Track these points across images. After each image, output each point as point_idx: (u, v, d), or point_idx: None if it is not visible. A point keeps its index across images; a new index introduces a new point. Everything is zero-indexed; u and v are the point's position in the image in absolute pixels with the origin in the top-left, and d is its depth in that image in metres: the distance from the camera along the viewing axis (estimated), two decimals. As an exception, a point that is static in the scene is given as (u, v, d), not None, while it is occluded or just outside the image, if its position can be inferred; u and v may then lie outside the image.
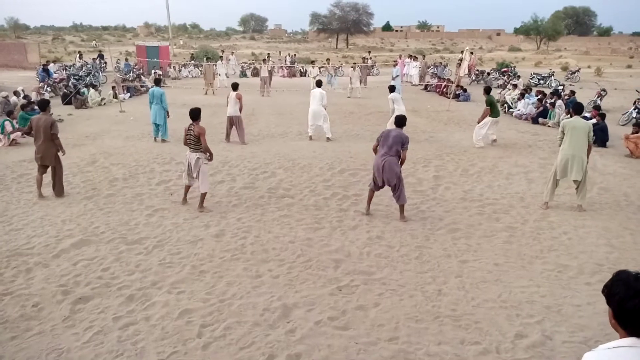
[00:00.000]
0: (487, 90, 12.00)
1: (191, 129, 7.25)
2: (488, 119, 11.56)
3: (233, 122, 12.11)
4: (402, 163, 6.90)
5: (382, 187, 7.14)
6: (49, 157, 7.80)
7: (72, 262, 5.68)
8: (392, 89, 12.70)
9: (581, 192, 7.54)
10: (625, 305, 1.83)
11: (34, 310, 4.68)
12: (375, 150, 7.10)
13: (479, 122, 11.80)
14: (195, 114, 7.36)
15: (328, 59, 29.17)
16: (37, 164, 7.95)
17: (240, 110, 12.03)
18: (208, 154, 7.31)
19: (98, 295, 4.95)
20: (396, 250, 6.09)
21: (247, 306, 4.76)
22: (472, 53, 33.10)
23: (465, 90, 21.56)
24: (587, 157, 7.38)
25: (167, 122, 12.32)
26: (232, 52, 36.97)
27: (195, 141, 7.22)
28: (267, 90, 22.57)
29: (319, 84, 12.79)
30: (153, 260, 5.75)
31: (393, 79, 21.98)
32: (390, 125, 12.12)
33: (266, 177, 9.24)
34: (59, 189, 8.00)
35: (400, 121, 7.07)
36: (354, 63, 28.43)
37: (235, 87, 12.25)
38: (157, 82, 12.95)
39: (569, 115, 14.36)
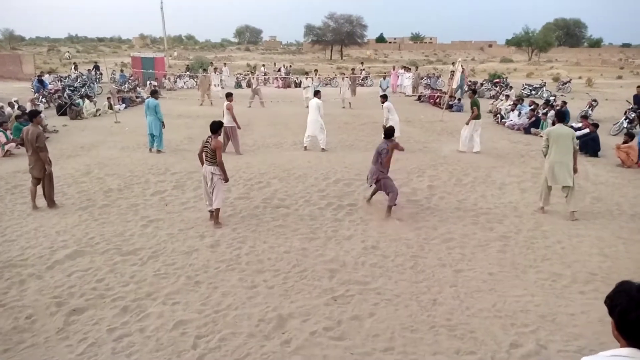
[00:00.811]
0: (474, 92, 13.00)
1: (208, 142, 7.13)
2: (472, 122, 12.09)
3: (227, 132, 12.08)
4: (388, 161, 7.65)
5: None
6: (37, 169, 7.76)
7: (66, 273, 5.65)
8: (384, 97, 12.77)
9: (571, 198, 7.63)
10: (627, 317, 1.83)
11: (28, 322, 4.65)
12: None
13: (467, 123, 12.27)
14: (215, 127, 7.21)
15: (316, 70, 29.56)
16: (31, 176, 7.94)
17: (235, 120, 12.00)
18: (222, 173, 7.16)
19: (92, 307, 4.92)
20: (391, 260, 6.11)
21: (242, 317, 4.75)
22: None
23: (459, 101, 21.75)
24: (575, 162, 7.57)
25: (163, 132, 12.32)
26: (225, 64, 37.09)
27: (212, 155, 7.10)
28: (261, 101, 22.53)
29: (316, 94, 12.88)
30: (148, 271, 5.73)
31: (384, 90, 22.18)
32: None
33: (261, 188, 9.25)
34: (48, 200, 7.96)
35: (388, 133, 7.79)
36: (342, 73, 28.76)
37: (227, 96, 12.27)
38: (153, 93, 12.96)
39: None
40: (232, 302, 5.03)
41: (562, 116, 8.02)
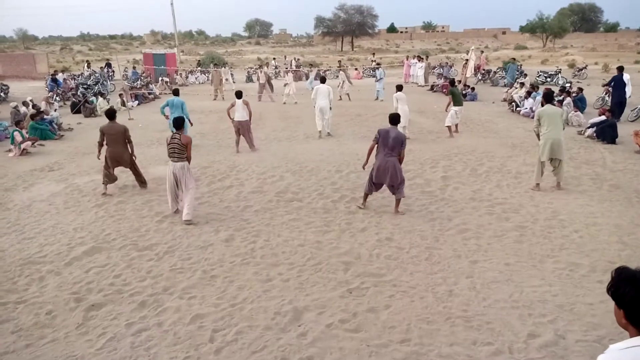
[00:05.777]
0: (452, 83, 14.31)
1: (176, 138, 7.15)
2: (452, 108, 13.08)
3: (242, 126, 11.79)
4: (401, 162, 7.24)
5: (380, 187, 7.45)
6: (126, 159, 8.73)
7: (84, 269, 5.74)
8: (399, 88, 12.70)
9: (560, 171, 8.40)
10: (638, 306, 1.81)
11: (48, 317, 4.74)
12: (371, 150, 7.39)
13: (446, 110, 13.32)
14: (180, 123, 7.32)
15: (311, 65, 29.78)
16: (110, 166, 8.63)
17: (250, 116, 11.85)
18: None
19: (110, 302, 4.99)
20: (406, 251, 6.08)
21: (258, 310, 4.78)
22: (482, 52, 33.08)
23: (473, 89, 21.47)
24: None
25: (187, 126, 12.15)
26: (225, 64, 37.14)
27: (181, 150, 7.14)
28: (269, 95, 22.40)
29: (323, 80, 13.63)
30: (164, 266, 5.80)
31: (377, 80, 21.99)
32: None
33: (274, 181, 9.27)
34: (141, 183, 8.98)
35: (395, 119, 7.31)
36: (339, 66, 29.07)
37: (239, 95, 12.04)
38: (176, 92, 12.89)
39: (577, 112, 14.41)
40: (248, 296, 5.06)
41: (549, 97, 8.71)
